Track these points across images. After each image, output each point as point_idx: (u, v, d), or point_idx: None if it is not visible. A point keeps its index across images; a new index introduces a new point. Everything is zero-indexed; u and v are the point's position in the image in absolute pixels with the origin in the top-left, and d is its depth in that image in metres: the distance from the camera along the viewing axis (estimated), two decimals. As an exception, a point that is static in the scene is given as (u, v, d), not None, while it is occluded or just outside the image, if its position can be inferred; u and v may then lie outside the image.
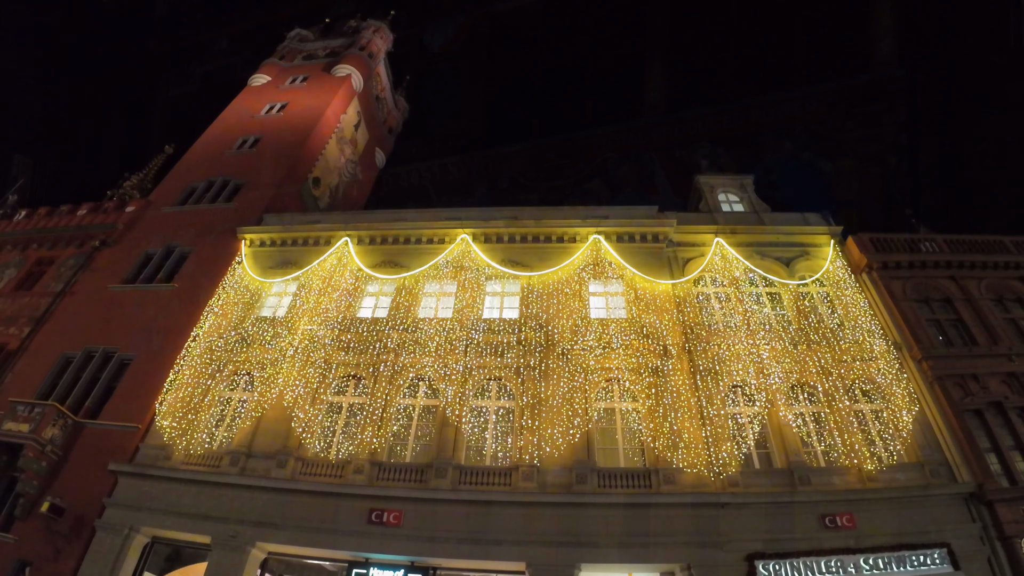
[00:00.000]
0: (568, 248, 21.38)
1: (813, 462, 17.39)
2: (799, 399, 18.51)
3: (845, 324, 20.22)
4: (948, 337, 21.07)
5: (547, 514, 15.56)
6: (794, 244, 22.64)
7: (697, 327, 19.17)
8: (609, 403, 18.02)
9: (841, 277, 21.53)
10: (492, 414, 17.93)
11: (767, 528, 15.77)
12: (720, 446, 16.79)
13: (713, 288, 20.66)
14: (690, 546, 15.27)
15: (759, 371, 18.43)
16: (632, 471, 16.58)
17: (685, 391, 17.70)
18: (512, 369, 18.32)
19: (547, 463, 16.49)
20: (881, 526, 16.20)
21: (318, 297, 20.44)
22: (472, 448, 17.40)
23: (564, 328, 18.87)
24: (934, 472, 17.48)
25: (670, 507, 15.72)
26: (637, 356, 18.30)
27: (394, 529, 15.52)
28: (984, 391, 19.49)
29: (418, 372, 18.57)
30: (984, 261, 23.59)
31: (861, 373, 19.06)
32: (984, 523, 16.65)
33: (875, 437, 17.93)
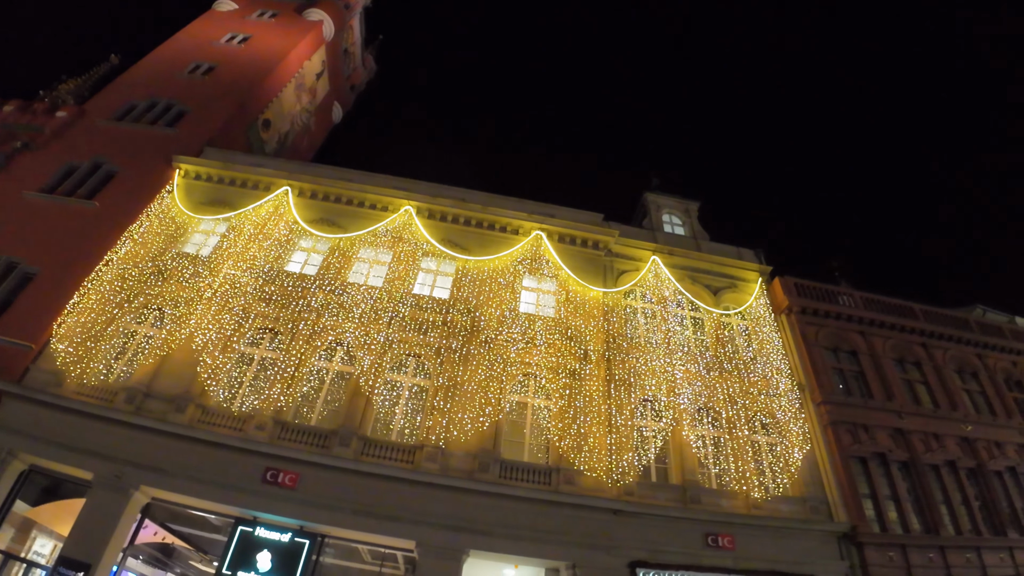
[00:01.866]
0: (509, 239, 21.44)
1: (706, 483, 18.14)
2: (703, 422, 19.25)
3: (758, 358, 21.15)
4: (848, 387, 22.32)
5: (444, 497, 15.54)
6: (725, 275, 23.50)
7: (620, 338, 19.61)
8: (523, 397, 18.20)
9: (762, 314, 22.49)
10: (406, 390, 17.77)
11: (653, 539, 16.33)
12: (622, 455, 17.25)
13: (642, 303, 21.19)
14: (579, 547, 15.60)
15: (671, 389, 19.05)
16: (535, 467, 16.80)
17: (598, 397, 18.07)
18: (433, 348, 18.20)
19: (452, 447, 16.50)
20: (759, 551, 17.07)
21: (247, 243, 19.63)
22: (380, 421, 17.18)
23: (491, 317, 18.90)
24: (814, 509, 18.57)
25: (565, 507, 16.02)
26: (558, 356, 18.55)
27: (288, 491, 15.14)
28: (872, 441, 20.77)
29: (338, 336, 18.14)
30: (893, 323, 25.10)
31: (764, 407, 19.97)
32: (852, 563, 17.87)
33: (766, 468, 18.87)
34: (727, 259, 23.85)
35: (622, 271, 21.87)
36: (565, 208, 22.84)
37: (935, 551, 19.11)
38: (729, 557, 16.73)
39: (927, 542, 19.17)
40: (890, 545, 18.50)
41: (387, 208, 21.52)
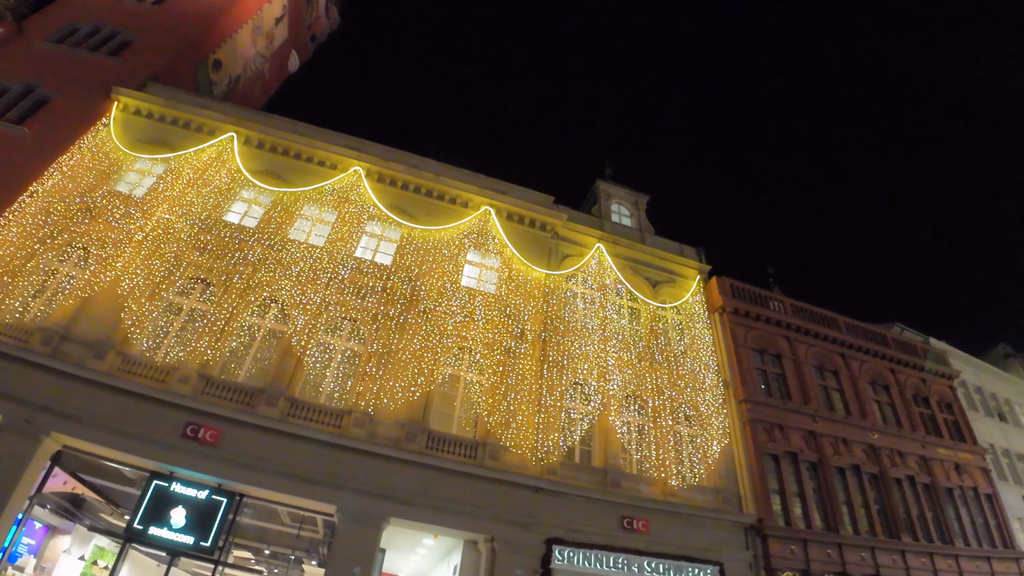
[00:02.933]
0: (458, 211, 21.29)
1: (627, 468, 18.64)
2: (630, 409, 19.73)
3: (688, 353, 21.80)
4: (769, 388, 23.25)
5: (369, 464, 15.43)
6: (665, 270, 24.04)
7: (557, 320, 19.83)
8: (456, 370, 18.20)
9: (697, 311, 23.16)
10: (339, 354, 17.46)
11: (572, 518, 16.72)
12: (549, 435, 17.52)
13: (582, 288, 21.46)
14: (499, 521, 15.82)
15: (602, 375, 19.43)
16: (462, 440, 16.86)
17: (530, 377, 18.26)
18: (370, 314, 17.94)
19: (381, 414, 16.36)
20: (671, 537, 17.73)
21: (185, 187, 18.74)
22: (309, 383, 16.81)
23: (432, 288, 18.77)
24: (726, 500, 19.37)
25: (489, 481, 16.20)
26: (495, 333, 18.63)
27: (209, 448, 14.66)
28: (786, 441, 21.74)
29: (272, 293, 17.59)
30: (817, 331, 26.22)
31: (689, 399, 20.63)
32: (756, 553, 18.83)
33: (685, 458, 19.53)
34: (669, 254, 24.39)
35: (566, 255, 22.07)
36: (517, 186, 22.80)
37: (833, 548, 20.25)
38: (642, 540, 17.30)
39: (827, 539, 20.29)
40: (792, 539, 19.50)
41: (336, 167, 20.96)
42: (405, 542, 18.29)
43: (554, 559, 15.93)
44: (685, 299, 23.26)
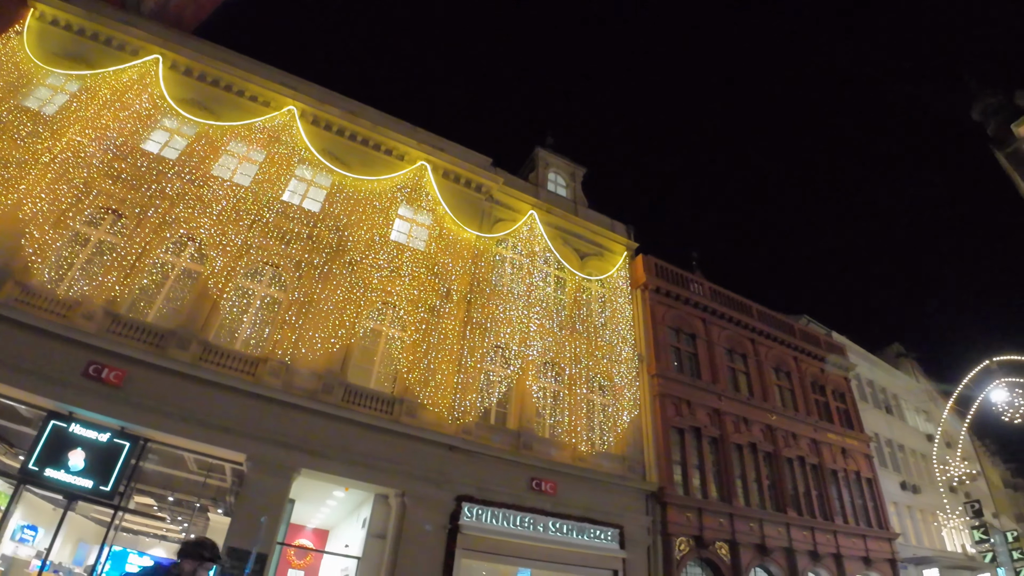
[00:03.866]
0: (393, 163, 20.80)
1: (540, 432, 19.11)
2: (547, 375, 20.18)
3: (608, 325, 22.40)
4: (681, 365, 24.21)
5: (283, 414, 15.05)
6: (594, 243, 24.48)
7: (484, 283, 19.90)
8: (378, 325, 18.01)
9: (620, 286, 23.77)
10: (258, 299, 16.89)
11: (483, 477, 17.04)
12: (466, 395, 17.70)
13: (511, 253, 21.58)
14: (411, 477, 15.89)
15: (523, 340, 19.73)
16: (379, 395, 16.75)
17: (452, 336, 18.29)
18: (293, 261, 17.41)
19: (298, 364, 15.99)
20: (577, 499, 18.38)
21: (101, 109, 17.35)
22: (225, 328, 16.14)
23: (360, 239, 18.36)
24: (631, 468, 20.21)
25: (404, 438, 16.21)
26: (420, 290, 18.51)
27: (112, 389, 13.80)
28: (691, 416, 22.76)
29: (190, 231, 16.63)
30: (731, 316, 27.38)
31: (604, 370, 21.27)
32: (655, 518, 19.83)
33: (596, 426, 20.20)
34: (600, 228, 24.82)
35: (499, 218, 22.09)
36: (456, 145, 22.47)
37: (725, 517, 21.50)
38: (549, 501, 17.85)
39: (720, 509, 21.51)
40: (689, 507, 20.59)
41: (269, 104, 19.88)
42: (315, 494, 18.12)
43: (463, 515, 16.23)
44: (611, 273, 23.80)
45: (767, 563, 22.51)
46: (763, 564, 22.49)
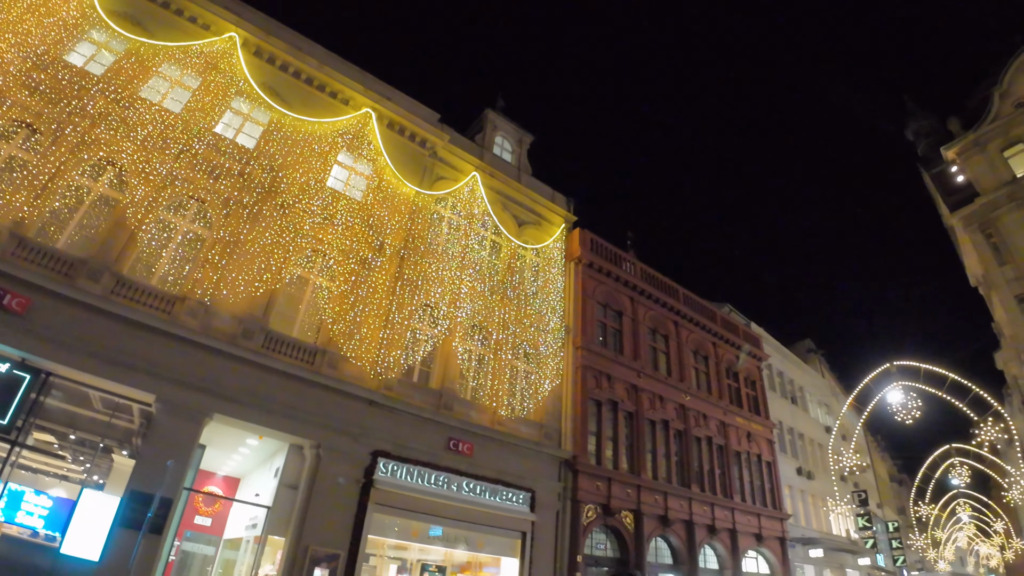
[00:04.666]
0: (337, 107, 19.98)
1: (462, 393, 19.19)
2: (474, 338, 20.20)
3: (539, 295, 22.60)
4: (606, 340, 24.71)
5: (198, 356, 14.43)
6: (534, 212, 24.49)
7: (419, 240, 19.56)
8: (306, 273, 17.46)
9: (555, 257, 23.96)
10: (179, 235, 16.00)
11: (401, 434, 16.99)
12: (391, 352, 17.50)
13: (450, 213, 21.29)
14: (328, 429, 15.68)
15: (453, 301, 19.63)
16: (302, 344, 16.33)
17: (381, 291, 18.00)
18: (222, 198, 16.57)
19: (218, 306, 15.33)
20: (492, 462, 18.65)
21: (22, 13, 15.84)
22: (142, 262, 15.17)
23: (294, 182, 17.61)
24: (547, 435, 20.63)
25: (324, 389, 15.92)
26: (353, 241, 18.04)
27: (13, 317, 12.79)
28: (610, 390, 23.33)
29: (111, 155, 15.43)
30: (658, 297, 28.06)
31: (531, 338, 21.50)
32: (567, 485, 20.38)
33: (518, 392, 20.47)
34: (541, 198, 24.82)
35: (440, 176, 21.70)
36: (404, 96, 21.78)
37: (633, 488, 22.28)
38: (465, 462, 18.03)
39: (628, 480, 22.26)
40: (599, 477, 21.23)
41: (209, 28, 18.52)
42: (228, 440, 17.63)
43: (378, 471, 16.17)
44: (547, 243, 23.93)
45: (668, 534, 23.57)
46: (664, 535, 23.55)
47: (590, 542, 21.06)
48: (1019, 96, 29.47)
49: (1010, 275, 27.31)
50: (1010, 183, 28.16)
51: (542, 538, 19.07)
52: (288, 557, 14.32)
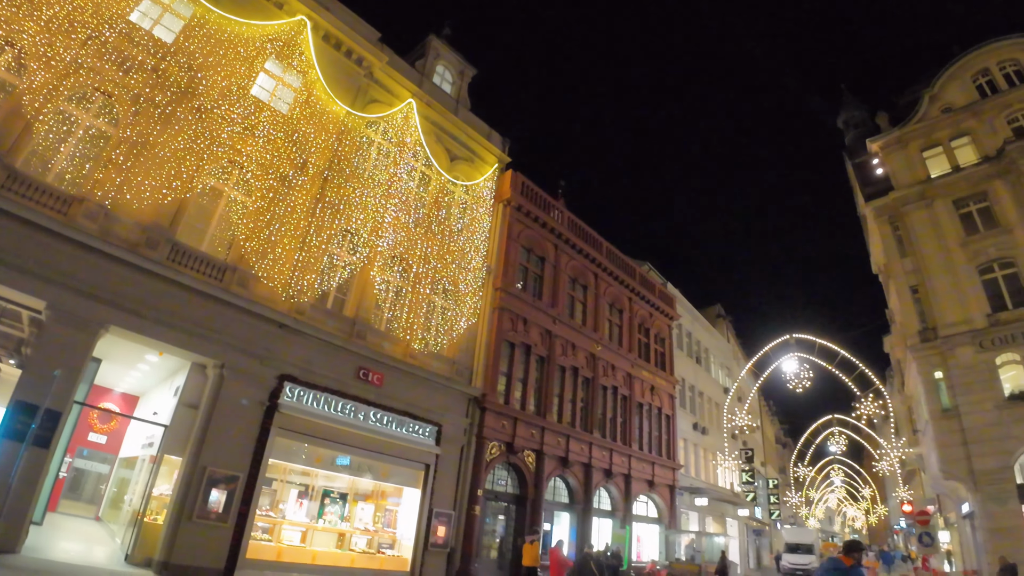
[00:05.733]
0: (270, 10, 18.31)
1: (376, 324, 18.94)
2: (394, 269, 19.86)
3: (464, 232, 22.39)
4: (526, 284, 24.89)
5: (94, 262, 13.37)
6: (468, 148, 23.97)
7: (344, 163, 18.72)
8: (221, 184, 16.41)
9: (484, 196, 23.69)
10: (81, 129, 14.63)
11: (309, 359, 16.65)
12: (305, 275, 16.94)
13: (380, 138, 20.39)
14: (234, 349, 15.13)
15: (375, 230, 19.05)
16: (211, 259, 15.46)
17: (300, 212, 17.22)
18: (132, 94, 15.18)
19: (121, 211, 14.18)
20: (401, 393, 18.68)
21: None
22: (37, 156, 13.66)
23: (215, 85, 16.31)
24: (459, 371, 20.80)
25: (232, 308, 15.26)
26: (274, 155, 17.04)
27: None
28: (525, 333, 23.65)
29: (9, 35, 13.60)
30: (582, 248, 28.40)
31: (451, 275, 21.38)
32: (473, 421, 20.74)
33: (433, 327, 20.40)
34: (476, 134, 24.26)
35: (374, 99, 20.67)
36: (344, 8, 20.22)
37: (537, 429, 22.93)
38: (374, 392, 17.95)
39: (534, 421, 22.87)
40: (506, 416, 21.70)
41: None
42: (126, 355, 16.94)
43: (283, 395, 15.85)
44: (478, 181, 23.55)
45: (567, 475, 24.52)
46: (563, 475, 24.48)
47: (492, 477, 21.65)
48: (947, 102, 31.10)
49: (908, 267, 29.24)
50: (923, 182, 29.87)
51: (445, 471, 19.42)
52: (184, 477, 13.94)
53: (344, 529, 17.58)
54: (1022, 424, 23.64)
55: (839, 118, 41.30)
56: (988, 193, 27.99)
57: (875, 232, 33.18)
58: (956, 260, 27.50)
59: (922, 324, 27.87)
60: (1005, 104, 29.21)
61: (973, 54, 31.16)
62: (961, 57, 31.42)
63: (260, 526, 15.62)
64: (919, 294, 28.56)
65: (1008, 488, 23.18)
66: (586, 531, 24.39)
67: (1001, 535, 22.76)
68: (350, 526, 17.81)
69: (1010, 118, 28.99)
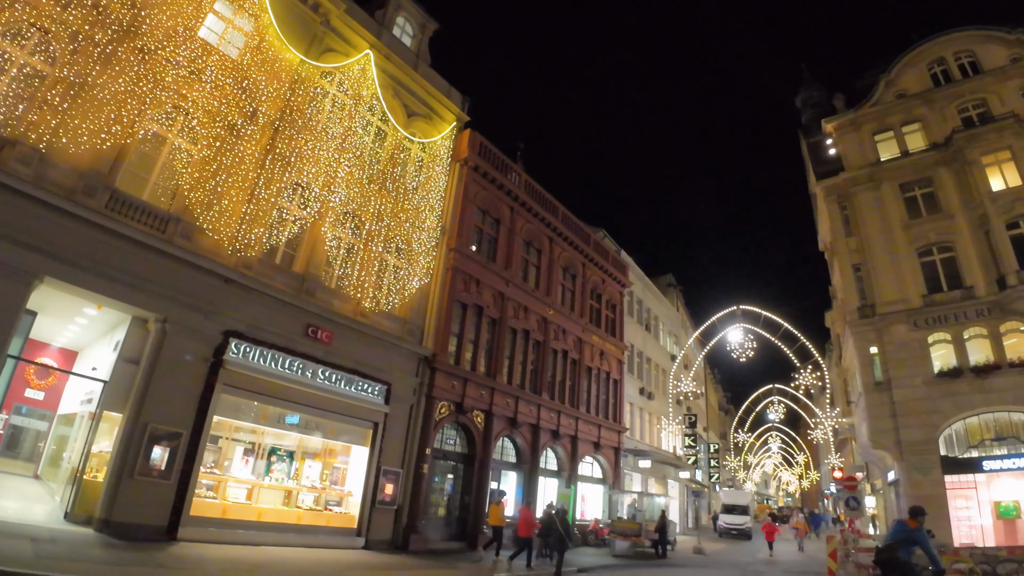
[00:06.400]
0: (220, -54, 17.31)
1: (326, 281, 18.59)
2: (346, 226, 19.43)
3: (419, 191, 22.03)
4: (480, 246, 24.79)
5: (27, 209, 12.57)
6: (426, 104, 23.39)
7: (297, 114, 17.97)
8: (165, 130, 15.59)
9: (442, 154, 23.29)
10: (15, 68, 13.62)
11: (257, 315, 16.26)
12: (253, 228, 16.39)
13: (335, 90, 19.66)
14: (177, 303, 14.59)
15: (327, 184, 18.54)
16: (153, 209, 14.73)
17: (249, 162, 16.54)
18: (69, 30, 14.16)
19: (57, 156, 13.31)
20: (350, 352, 18.50)
21: None
22: None
23: (160, 24, 15.26)
24: (410, 331, 20.72)
25: (175, 260, 14.64)
26: (222, 102, 16.25)
27: None
28: (478, 295, 23.65)
29: None
30: (538, 212, 28.36)
31: (405, 234, 21.09)
32: (423, 381, 20.77)
33: (385, 286, 20.20)
34: (436, 91, 23.66)
35: (330, 48, 19.75)
36: (298, -50, 19.42)
37: (487, 390, 23.12)
38: (323, 350, 17.72)
39: (483, 382, 23.04)
40: (456, 376, 21.79)
41: None
42: (63, 308, 16.21)
43: (229, 351, 15.45)
44: (435, 139, 23.06)
45: (515, 435, 24.90)
46: (511, 435, 24.85)
47: (441, 437, 21.81)
48: (902, 88, 31.95)
49: (853, 246, 30.27)
50: (873, 165, 30.75)
51: (394, 430, 19.44)
52: (125, 434, 13.54)
53: (291, 487, 17.48)
54: (948, 399, 25.03)
55: (798, 97, 41.90)
56: (933, 179, 29.09)
57: (824, 210, 34.09)
58: (898, 242, 28.60)
59: (862, 301, 28.98)
60: (957, 94, 30.17)
61: (930, 43, 32.02)
62: (919, 45, 32.22)
63: (205, 483, 15.37)
64: (861, 272, 29.64)
65: (932, 459, 24.63)
66: (532, 490, 24.91)
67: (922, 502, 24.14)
68: (297, 483, 17.72)
69: (960, 108, 30.01)
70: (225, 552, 13.32)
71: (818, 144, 35.11)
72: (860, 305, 28.93)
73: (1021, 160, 26.61)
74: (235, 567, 11.74)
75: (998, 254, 25.64)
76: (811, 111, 39.52)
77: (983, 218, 26.56)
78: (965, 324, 25.96)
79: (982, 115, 29.17)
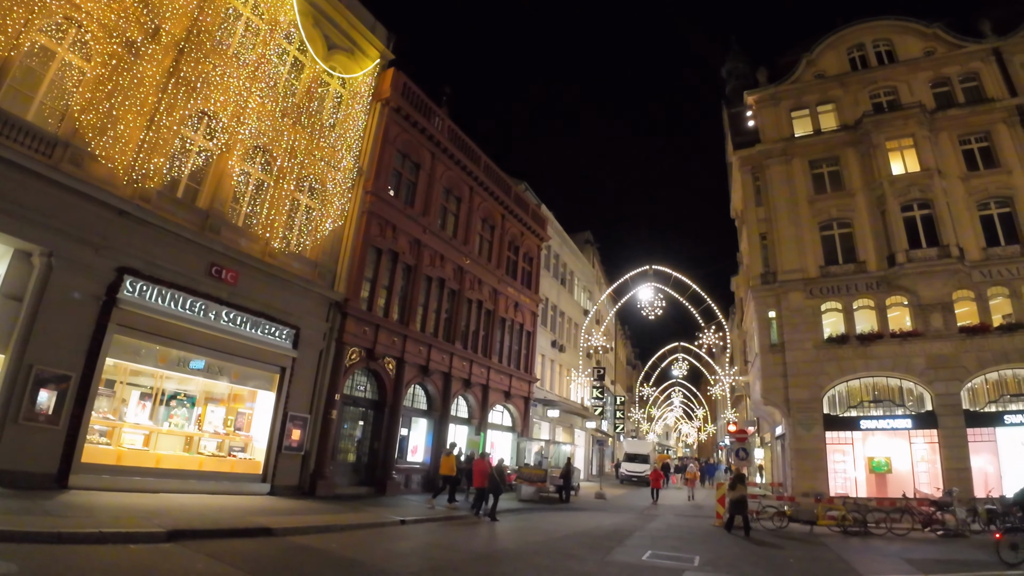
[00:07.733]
0: None
1: (232, 218, 17.58)
2: (255, 161, 18.39)
3: (336, 128, 21.06)
4: (398, 190, 24.18)
5: None
6: (349, 37, 22.06)
7: (205, 36, 16.49)
8: (54, 44, 13.97)
9: (362, 92, 22.26)
10: None
11: (155, 252, 15.17)
12: (153, 158, 15.20)
13: (249, 12, 18.03)
14: (63, 236, 13.33)
15: (236, 115, 17.32)
16: (39, 131, 13.28)
17: (149, 85, 15.15)
18: None
19: None
20: (257, 294, 17.76)
21: None
22: None
23: None
24: (321, 275, 20.13)
25: (63, 189, 13.33)
26: (119, 17, 14.69)
27: None
28: (394, 240, 23.21)
29: None
30: (460, 160, 27.91)
31: (319, 173, 20.20)
32: (333, 326, 20.30)
33: (296, 227, 19.45)
34: (361, 24, 22.30)
35: (241, -33, 18.36)
36: None
37: (399, 337, 22.96)
38: (227, 290, 16.90)
39: (396, 329, 22.85)
40: (368, 322, 21.47)
41: None
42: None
43: (123, 289, 14.39)
44: (356, 76, 21.91)
45: (426, 383, 24.95)
46: (423, 383, 24.89)
47: (351, 383, 21.56)
48: (821, 69, 33.35)
49: (761, 216, 31.72)
50: (787, 139, 32.10)
51: (302, 375, 19.01)
52: (8, 376, 12.42)
53: (192, 432, 16.83)
54: (834, 363, 27.12)
55: (724, 67, 42.58)
56: (840, 158, 30.76)
57: (737, 179, 35.33)
58: (802, 214, 30.22)
59: (765, 268, 30.64)
60: (871, 80, 31.74)
61: (852, 28, 33.46)
62: (841, 29, 33.61)
63: (97, 429, 14.51)
64: (767, 241, 31.20)
65: (815, 416, 26.75)
66: (443, 437, 25.14)
67: (805, 455, 26.40)
68: (199, 429, 17.09)
69: (872, 93, 31.66)
70: (120, 499, 12.75)
71: (739, 115, 36.06)
72: (763, 272, 30.55)
73: (922, 148, 28.36)
74: (129, 513, 11.25)
75: (891, 233, 27.51)
76: (735, 82, 40.33)
77: (881, 199, 28.29)
78: (855, 295, 27.93)
79: (892, 102, 30.87)
